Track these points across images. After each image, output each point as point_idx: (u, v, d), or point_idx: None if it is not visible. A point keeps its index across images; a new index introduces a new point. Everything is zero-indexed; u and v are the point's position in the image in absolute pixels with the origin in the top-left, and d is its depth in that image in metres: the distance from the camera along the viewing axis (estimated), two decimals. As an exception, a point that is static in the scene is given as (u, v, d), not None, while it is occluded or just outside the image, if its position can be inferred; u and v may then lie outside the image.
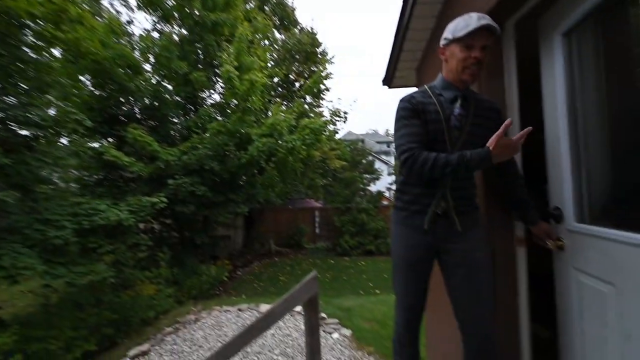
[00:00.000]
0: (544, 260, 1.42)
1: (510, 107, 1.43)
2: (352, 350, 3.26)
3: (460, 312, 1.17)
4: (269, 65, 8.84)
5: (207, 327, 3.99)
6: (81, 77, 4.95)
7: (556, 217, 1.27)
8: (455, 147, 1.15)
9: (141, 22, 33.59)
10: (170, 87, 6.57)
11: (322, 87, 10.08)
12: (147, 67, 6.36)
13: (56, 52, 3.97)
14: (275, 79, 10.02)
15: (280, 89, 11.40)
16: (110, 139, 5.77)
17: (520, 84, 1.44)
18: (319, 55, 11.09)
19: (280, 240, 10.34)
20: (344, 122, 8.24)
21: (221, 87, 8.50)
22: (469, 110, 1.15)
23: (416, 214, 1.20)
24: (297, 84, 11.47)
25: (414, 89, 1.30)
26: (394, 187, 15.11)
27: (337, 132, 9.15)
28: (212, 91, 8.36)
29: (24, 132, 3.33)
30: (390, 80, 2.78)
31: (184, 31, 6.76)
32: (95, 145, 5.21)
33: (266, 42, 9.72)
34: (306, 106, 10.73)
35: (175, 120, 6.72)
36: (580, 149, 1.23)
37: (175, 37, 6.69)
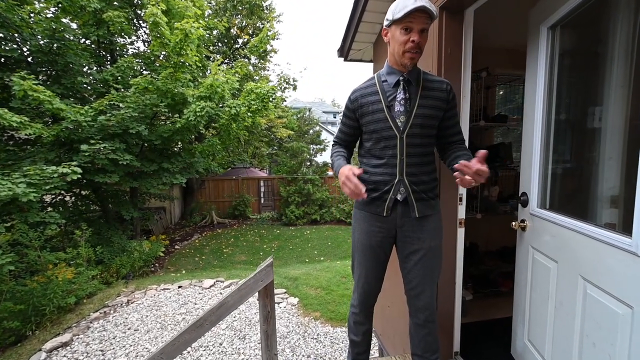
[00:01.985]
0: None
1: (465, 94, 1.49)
2: (299, 317, 3.43)
3: (411, 290, 1.26)
4: (206, 14, 7.64)
5: (144, 309, 3.70)
6: None
7: (523, 201, 1.44)
8: (403, 132, 1.14)
9: None
10: (74, 25, 5.19)
11: (269, 47, 9.27)
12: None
13: None
14: (215, 32, 8.79)
15: (220, 43, 10.12)
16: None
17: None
18: (265, 10, 10.04)
19: (223, 211, 9.91)
20: (294, 89, 7.82)
21: (146, 33, 7.11)
22: (415, 93, 1.15)
23: (376, 201, 1.22)
24: (240, 41, 10.32)
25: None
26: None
27: (284, 100, 8.70)
28: (134, 38, 6.95)
29: None
30: (346, 53, 2.64)
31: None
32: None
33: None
34: (250, 68, 9.85)
35: (86, 70, 5.44)
36: (550, 141, 1.36)
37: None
